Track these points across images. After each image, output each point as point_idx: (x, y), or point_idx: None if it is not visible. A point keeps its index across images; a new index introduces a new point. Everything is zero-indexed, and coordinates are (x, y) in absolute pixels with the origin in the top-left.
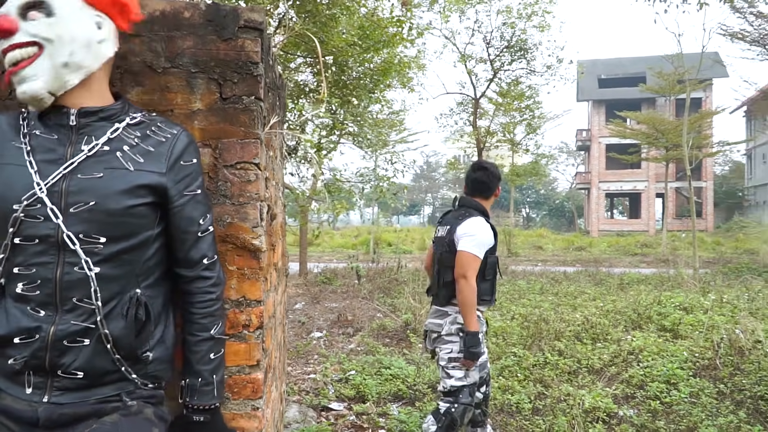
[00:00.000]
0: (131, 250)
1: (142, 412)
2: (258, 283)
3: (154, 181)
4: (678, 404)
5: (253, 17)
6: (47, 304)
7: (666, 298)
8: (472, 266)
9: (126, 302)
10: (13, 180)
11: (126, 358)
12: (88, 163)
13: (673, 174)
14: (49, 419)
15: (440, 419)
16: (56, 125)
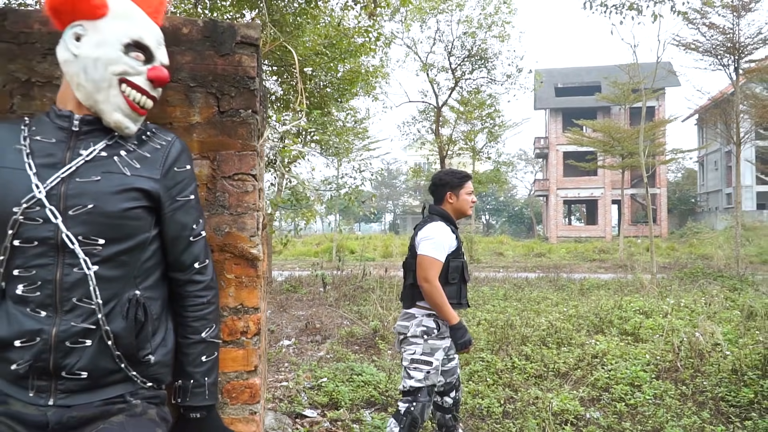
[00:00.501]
0: (129, 251)
1: (147, 412)
2: (255, 290)
3: (149, 186)
4: (643, 406)
5: (249, 33)
6: (47, 305)
7: (626, 302)
8: (433, 269)
9: (125, 303)
10: (13, 183)
11: (127, 358)
12: (86, 168)
13: (629, 181)
14: (58, 422)
15: (401, 420)
16: (58, 128)
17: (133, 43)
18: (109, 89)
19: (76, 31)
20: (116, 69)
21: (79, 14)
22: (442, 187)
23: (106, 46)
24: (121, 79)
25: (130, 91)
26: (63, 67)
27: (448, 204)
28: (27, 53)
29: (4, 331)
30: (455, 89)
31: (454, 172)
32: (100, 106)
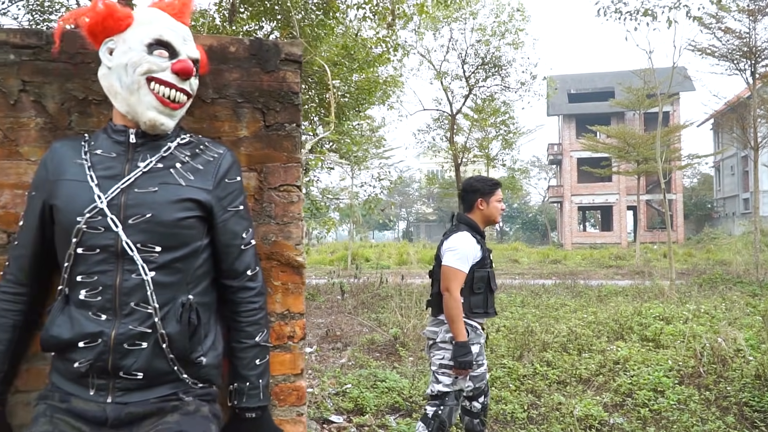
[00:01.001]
0: (183, 258)
1: (200, 410)
2: (300, 296)
3: (202, 197)
4: (667, 411)
5: (293, 51)
6: (107, 309)
7: (645, 309)
8: (455, 280)
9: (179, 307)
10: (77, 195)
11: (179, 360)
12: (143, 179)
13: (644, 187)
14: (117, 418)
15: (429, 423)
16: (116, 143)
17: (155, 42)
18: (140, 90)
19: (108, 47)
20: (142, 69)
21: (110, 31)
22: (473, 194)
23: (132, 50)
24: (149, 77)
25: (158, 87)
26: (102, 84)
27: (478, 211)
28: (83, 72)
29: (68, 333)
30: (469, 97)
31: (485, 179)
32: (136, 109)
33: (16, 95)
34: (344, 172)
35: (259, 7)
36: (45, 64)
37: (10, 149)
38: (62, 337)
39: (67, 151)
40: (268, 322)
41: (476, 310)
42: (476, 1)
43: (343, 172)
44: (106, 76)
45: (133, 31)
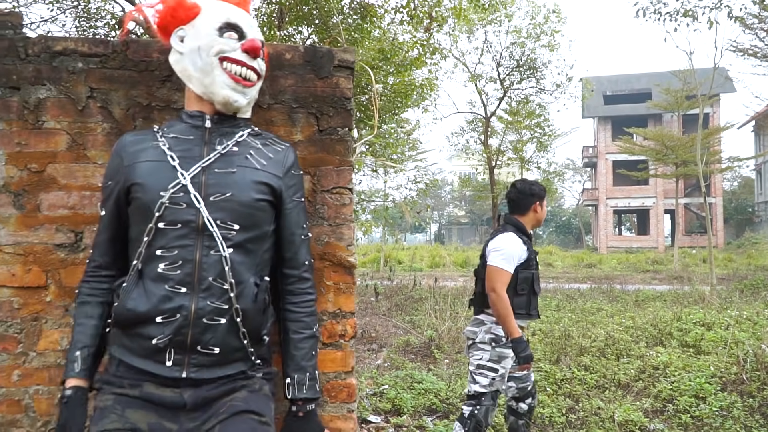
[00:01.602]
0: (255, 240)
1: (263, 389)
2: (351, 296)
3: (274, 183)
4: (709, 418)
5: (345, 57)
6: (187, 282)
7: (685, 314)
8: (500, 280)
9: (253, 286)
10: (159, 172)
11: (250, 337)
12: (222, 160)
13: (682, 190)
14: (194, 403)
15: (466, 423)
16: (192, 127)
17: (225, 25)
18: (213, 70)
19: (179, 35)
20: (215, 50)
21: (179, 21)
22: (532, 197)
23: (203, 35)
24: (221, 57)
25: (230, 66)
26: (175, 69)
27: (532, 214)
28: (147, 80)
29: (143, 306)
30: (504, 99)
31: (539, 184)
32: (210, 89)
33: (84, 101)
34: (381, 175)
35: (298, 13)
36: (111, 71)
37: (79, 153)
38: (139, 310)
39: (140, 138)
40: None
41: (519, 312)
42: (512, 3)
43: (379, 174)
44: (179, 61)
45: (202, 17)
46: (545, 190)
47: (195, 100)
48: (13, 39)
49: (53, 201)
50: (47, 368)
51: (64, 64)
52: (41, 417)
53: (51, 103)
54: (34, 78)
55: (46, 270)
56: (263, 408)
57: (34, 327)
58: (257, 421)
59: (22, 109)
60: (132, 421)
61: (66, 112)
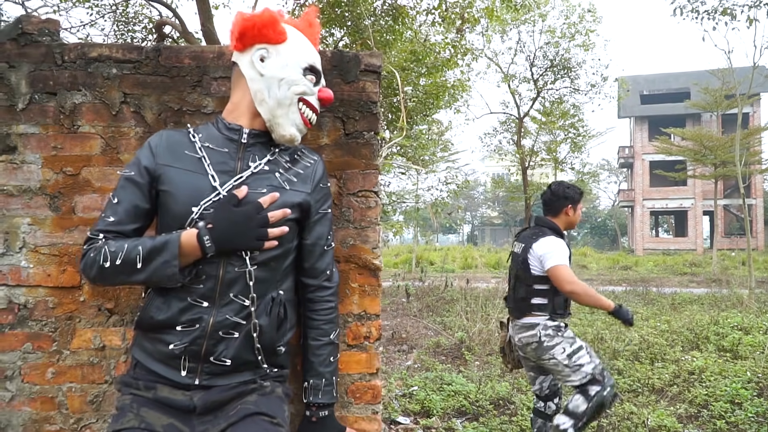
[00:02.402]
0: (278, 257)
1: (275, 391)
2: (377, 298)
3: (302, 200)
4: (744, 423)
5: (372, 62)
6: (208, 297)
7: (723, 318)
8: (568, 273)
9: (269, 302)
10: (194, 185)
11: (265, 351)
12: (253, 179)
13: (721, 191)
14: (204, 406)
15: (590, 398)
16: (227, 140)
17: (309, 68)
18: (290, 107)
19: (261, 54)
20: (297, 89)
21: (263, 39)
22: (564, 200)
23: (289, 68)
24: (300, 98)
25: (305, 109)
26: (249, 84)
27: (564, 217)
28: (178, 85)
29: (165, 315)
30: (537, 99)
31: (575, 188)
32: (278, 120)
33: (117, 106)
34: (412, 176)
35: (330, 15)
36: (144, 77)
37: (112, 156)
38: (160, 318)
39: (177, 140)
40: (339, 322)
41: (559, 311)
42: (545, 3)
43: (411, 176)
44: (254, 80)
45: (290, 49)
46: (581, 193)
47: (238, 113)
48: (50, 46)
49: (87, 203)
50: (80, 366)
51: (99, 70)
52: (74, 414)
53: (86, 108)
54: (70, 83)
55: (79, 270)
56: (275, 410)
57: (68, 326)
58: (269, 422)
59: (58, 113)
60: (148, 421)
61: (100, 116)
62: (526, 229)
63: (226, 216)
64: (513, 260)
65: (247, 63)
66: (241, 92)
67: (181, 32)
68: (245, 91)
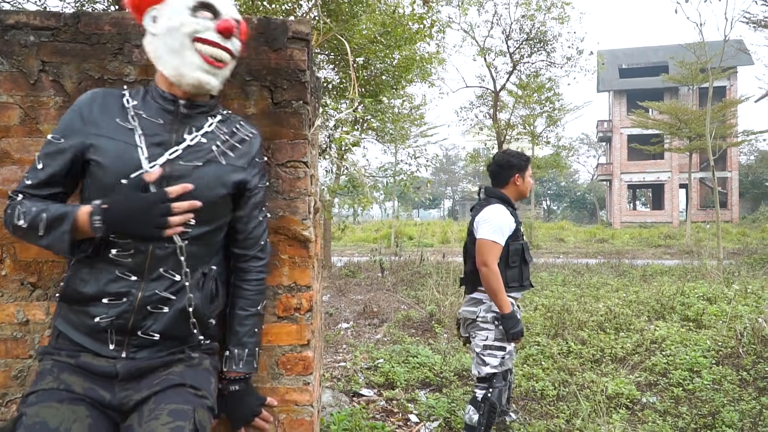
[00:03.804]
0: (212, 232)
1: (202, 363)
2: (307, 270)
3: (239, 176)
4: (701, 391)
5: (300, 29)
6: (136, 271)
7: (689, 288)
8: (492, 252)
9: (201, 277)
10: (123, 156)
11: (199, 324)
12: (188, 152)
13: (697, 164)
14: (127, 373)
15: (480, 407)
16: (162, 110)
17: (198, 4)
18: (184, 51)
19: (152, 15)
20: (187, 30)
21: (153, 1)
22: (510, 169)
23: (175, 14)
24: (194, 38)
25: (203, 47)
26: (147, 51)
27: (513, 186)
28: (99, 53)
29: (92, 287)
30: (513, 73)
31: (520, 155)
32: (181, 71)
33: (35, 75)
34: (386, 150)
35: None
36: (63, 45)
37: (31, 127)
38: (86, 291)
39: (110, 105)
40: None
41: (512, 284)
42: None
43: (385, 149)
44: (151, 42)
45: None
46: (528, 159)
47: (164, 83)
48: None
49: (7, 175)
50: (3, 341)
51: (16, 37)
52: None
53: (3, 77)
54: None
55: (1, 244)
56: (201, 382)
57: None
58: (193, 394)
59: None
60: (67, 383)
61: (18, 86)
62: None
63: (125, 200)
64: (467, 235)
65: (146, 32)
66: None
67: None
68: None
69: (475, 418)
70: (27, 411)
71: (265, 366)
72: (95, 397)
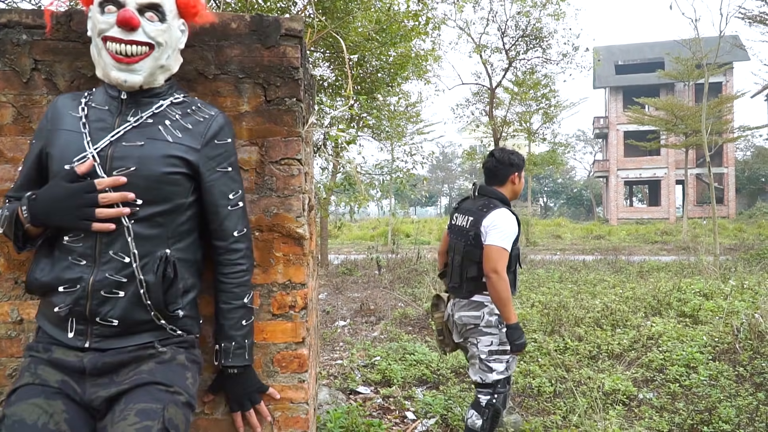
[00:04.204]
0: (164, 214)
1: (176, 358)
2: (302, 267)
3: (189, 155)
4: (697, 387)
5: (293, 26)
6: (87, 255)
7: (686, 284)
8: (503, 260)
9: (156, 259)
10: (69, 144)
11: (157, 309)
12: (132, 133)
13: (693, 160)
14: (94, 367)
15: (483, 412)
16: (110, 97)
17: (103, 1)
18: (101, 52)
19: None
20: (97, 29)
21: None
22: (510, 167)
23: (91, 16)
24: (103, 37)
25: (111, 45)
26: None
27: (510, 185)
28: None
29: (48, 276)
30: (509, 70)
31: (518, 154)
32: (104, 72)
33: (28, 74)
34: (383, 148)
35: None
36: (55, 43)
37: (24, 125)
38: (44, 280)
39: (67, 103)
40: (253, 286)
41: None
42: None
43: (382, 147)
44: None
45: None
46: (524, 160)
47: None
48: None
49: (1, 174)
50: None
51: (9, 36)
52: None
53: None
54: None
55: None
56: (172, 378)
57: None
58: (164, 391)
59: None
60: (43, 378)
61: (11, 84)
62: (467, 200)
63: (50, 190)
64: (457, 234)
65: None
66: None
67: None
68: None
69: (479, 424)
70: (7, 412)
71: (260, 364)
72: (68, 391)
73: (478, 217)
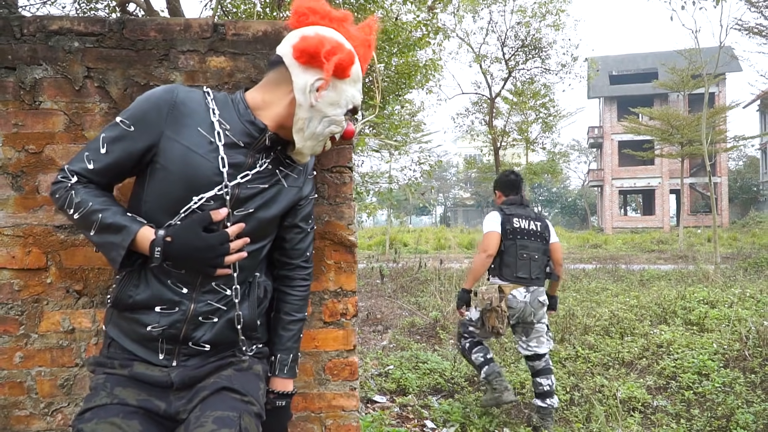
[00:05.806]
0: (263, 248)
1: (252, 367)
2: (353, 275)
3: (297, 195)
4: (711, 393)
5: None
6: (188, 283)
7: (689, 293)
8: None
9: (247, 286)
10: (202, 172)
11: (247, 330)
12: (257, 176)
13: (687, 170)
14: (182, 382)
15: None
16: (247, 133)
17: (353, 108)
18: (320, 141)
19: (320, 83)
20: (334, 130)
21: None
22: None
23: (337, 107)
24: (332, 120)
25: (328, 143)
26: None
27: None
28: (145, 59)
29: (143, 295)
30: (509, 80)
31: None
32: (304, 151)
33: (81, 81)
34: (385, 157)
35: None
36: (108, 51)
37: (76, 134)
38: (139, 299)
39: (193, 110)
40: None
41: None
42: None
43: (383, 156)
44: (302, 107)
45: (346, 87)
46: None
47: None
48: (7, 18)
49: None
50: (49, 350)
51: (61, 43)
52: (44, 398)
53: (48, 84)
54: (30, 58)
55: (46, 252)
56: (247, 387)
57: (36, 309)
58: (239, 400)
59: (18, 89)
60: (121, 398)
61: (63, 92)
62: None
63: (189, 237)
64: (532, 236)
65: (301, 82)
66: (278, 97)
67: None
68: (285, 101)
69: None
70: (83, 428)
71: (312, 372)
72: (150, 407)
73: (544, 222)
